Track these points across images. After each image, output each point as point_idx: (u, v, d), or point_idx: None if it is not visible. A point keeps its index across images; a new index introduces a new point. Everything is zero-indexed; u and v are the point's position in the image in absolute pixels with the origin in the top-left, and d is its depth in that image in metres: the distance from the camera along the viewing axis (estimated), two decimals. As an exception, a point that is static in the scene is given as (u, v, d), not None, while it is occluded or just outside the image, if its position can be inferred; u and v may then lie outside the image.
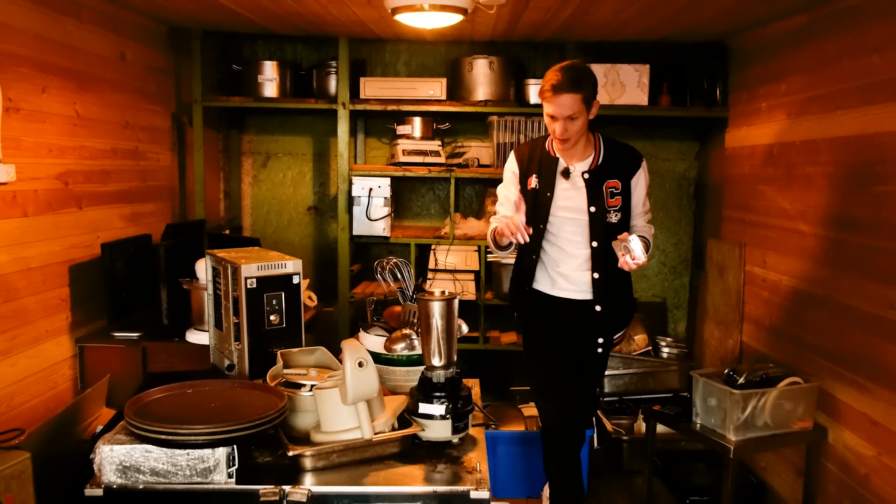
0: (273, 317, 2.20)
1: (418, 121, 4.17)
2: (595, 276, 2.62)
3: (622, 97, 3.90)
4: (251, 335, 2.17)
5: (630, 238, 2.39)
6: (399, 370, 2.19)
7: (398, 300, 2.32)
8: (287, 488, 1.62)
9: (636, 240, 2.39)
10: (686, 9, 3.11)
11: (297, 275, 2.23)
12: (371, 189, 4.03)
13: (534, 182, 2.66)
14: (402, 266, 2.36)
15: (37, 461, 2.12)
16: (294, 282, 2.24)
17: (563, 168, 2.64)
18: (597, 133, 2.69)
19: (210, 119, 4.15)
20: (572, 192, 2.63)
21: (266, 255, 2.33)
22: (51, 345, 2.87)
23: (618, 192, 2.63)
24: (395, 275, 2.36)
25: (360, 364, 1.70)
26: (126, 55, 3.43)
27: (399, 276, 2.35)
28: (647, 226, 2.74)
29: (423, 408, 1.86)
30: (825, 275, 2.89)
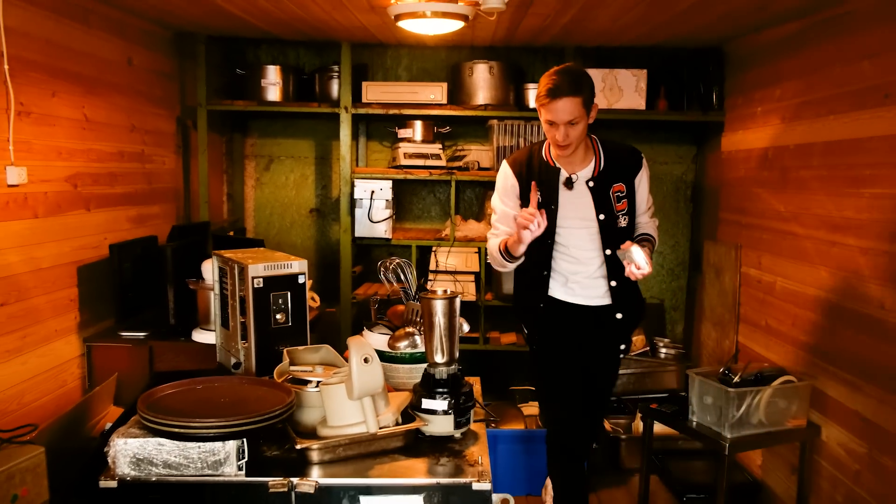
0: (279, 315, 2.25)
1: (419, 124, 4.22)
2: (612, 283, 2.58)
3: (620, 102, 3.96)
4: (258, 333, 2.21)
5: (632, 249, 2.36)
6: (402, 367, 2.24)
7: (401, 300, 2.38)
8: (295, 480, 1.67)
9: (638, 251, 2.35)
10: (682, 15, 3.16)
11: (303, 275, 2.28)
12: (373, 191, 4.08)
13: (536, 197, 2.55)
14: (405, 266, 2.41)
15: (49, 456, 2.18)
16: (299, 281, 2.29)
17: (565, 178, 2.58)
18: (593, 137, 2.65)
19: (214, 123, 4.21)
20: (577, 202, 2.57)
21: (272, 255, 2.38)
22: (60, 344, 2.93)
23: (624, 195, 2.58)
24: (397, 275, 2.42)
25: (366, 360, 1.75)
26: (133, 60, 3.49)
27: (402, 276, 2.40)
28: (652, 220, 2.70)
29: (426, 403, 1.90)
30: (818, 276, 2.95)
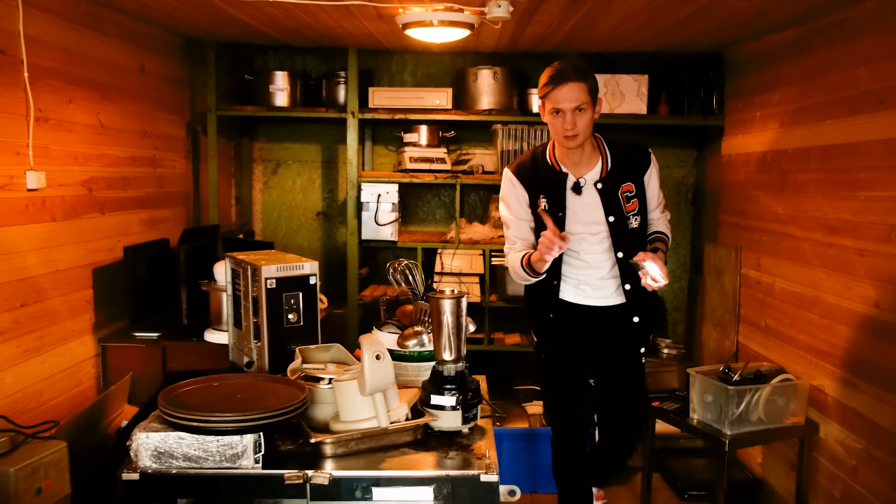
0: (291, 315, 2.31)
1: (424, 129, 4.29)
2: (627, 287, 2.52)
3: (622, 106, 4.02)
4: (270, 333, 2.27)
5: (646, 264, 2.32)
6: (411, 366, 2.31)
7: (409, 300, 2.44)
8: (310, 472, 1.73)
9: (653, 266, 2.32)
10: (682, 22, 3.23)
11: (314, 276, 2.34)
12: (379, 195, 4.15)
13: (543, 203, 2.52)
14: (413, 268, 2.48)
15: (68, 452, 2.25)
16: (311, 282, 2.35)
17: (573, 183, 2.51)
18: (598, 136, 2.57)
19: (222, 127, 4.28)
20: (586, 206, 2.50)
21: (283, 257, 2.44)
22: (76, 344, 3.00)
23: (633, 194, 2.51)
24: (405, 276, 2.48)
25: (378, 357, 1.82)
26: (145, 66, 3.57)
27: (409, 277, 2.47)
28: (664, 215, 2.65)
29: (435, 399, 1.97)
30: (816, 276, 3.01)
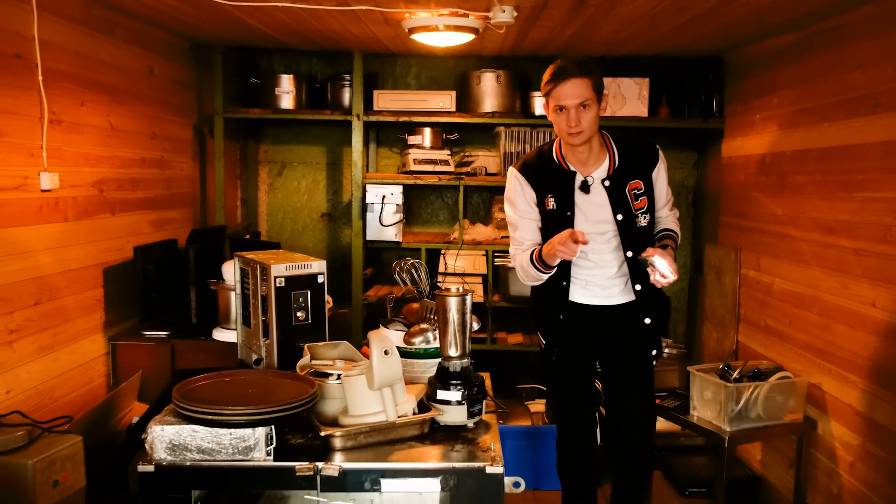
0: (300, 313, 2.35)
1: (428, 131, 4.34)
2: (637, 287, 2.49)
3: (623, 109, 4.07)
4: (279, 330, 2.32)
5: (655, 259, 2.29)
6: (417, 362, 2.35)
7: (415, 298, 2.50)
8: (320, 465, 1.78)
9: (661, 261, 2.29)
10: (683, 27, 3.28)
11: (322, 274, 2.39)
12: (384, 196, 4.20)
13: (551, 203, 2.49)
14: (418, 267, 2.54)
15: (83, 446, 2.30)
16: (319, 281, 2.40)
17: (580, 182, 2.48)
18: (605, 133, 2.54)
19: (229, 130, 4.32)
20: (594, 205, 2.47)
21: (291, 256, 2.49)
22: (87, 342, 3.05)
23: (641, 192, 2.47)
24: (411, 275, 2.54)
25: (386, 352, 1.87)
26: (154, 69, 3.62)
27: (415, 276, 2.53)
28: (672, 212, 2.61)
29: (441, 394, 2.02)
30: (814, 276, 3.06)
